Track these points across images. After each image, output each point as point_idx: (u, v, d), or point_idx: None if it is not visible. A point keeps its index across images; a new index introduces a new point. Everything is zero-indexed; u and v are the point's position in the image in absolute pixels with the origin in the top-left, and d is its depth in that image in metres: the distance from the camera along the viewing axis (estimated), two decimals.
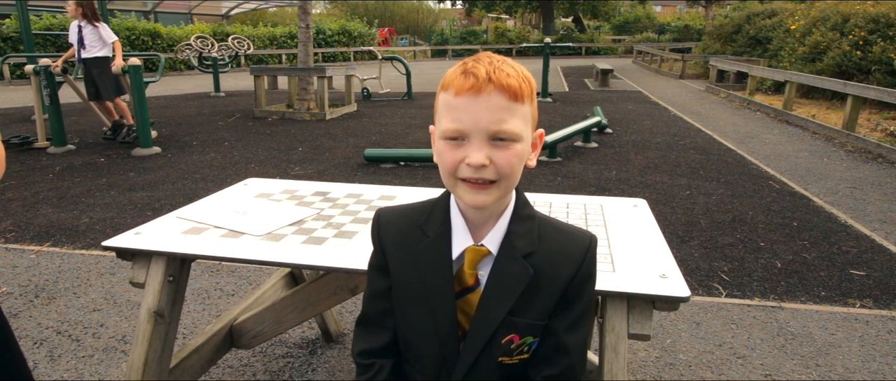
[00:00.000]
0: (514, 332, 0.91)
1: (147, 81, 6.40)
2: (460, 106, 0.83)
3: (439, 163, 0.89)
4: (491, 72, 0.83)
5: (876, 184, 4.91)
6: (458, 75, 0.85)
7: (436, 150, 0.90)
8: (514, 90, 0.83)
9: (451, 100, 0.85)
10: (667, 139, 6.85)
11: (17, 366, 1.47)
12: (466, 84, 0.83)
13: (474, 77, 0.83)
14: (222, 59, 16.03)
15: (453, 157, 0.85)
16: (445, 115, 0.86)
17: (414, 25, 45.09)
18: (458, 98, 0.84)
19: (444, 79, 0.88)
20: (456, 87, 0.84)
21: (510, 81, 0.83)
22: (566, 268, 0.92)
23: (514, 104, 0.84)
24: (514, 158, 0.85)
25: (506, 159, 0.84)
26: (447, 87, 0.86)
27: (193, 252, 1.39)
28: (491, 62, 0.85)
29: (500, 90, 0.82)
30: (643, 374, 2.15)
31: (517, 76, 0.84)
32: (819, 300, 2.76)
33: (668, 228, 3.72)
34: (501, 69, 0.84)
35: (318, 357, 2.25)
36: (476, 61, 0.86)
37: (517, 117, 0.84)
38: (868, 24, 9.36)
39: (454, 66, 0.89)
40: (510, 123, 0.83)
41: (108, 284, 2.93)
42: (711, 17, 23.23)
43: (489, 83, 0.82)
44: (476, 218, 0.92)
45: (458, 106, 0.84)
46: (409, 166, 5.42)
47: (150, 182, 4.91)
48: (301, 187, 1.96)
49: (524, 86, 0.85)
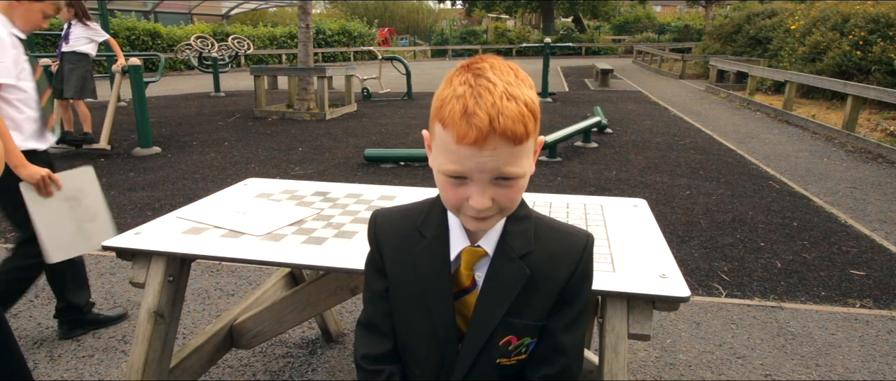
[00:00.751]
0: (512, 333, 0.91)
1: (147, 81, 6.37)
2: (462, 153, 0.78)
3: (441, 195, 0.87)
4: (494, 117, 0.75)
5: (876, 184, 4.91)
6: (458, 119, 0.76)
7: (436, 178, 0.87)
8: (519, 136, 0.77)
9: (450, 145, 0.78)
10: (667, 139, 6.85)
11: (17, 366, 1.47)
12: (470, 136, 0.75)
13: (477, 129, 0.75)
14: (222, 59, 16.03)
15: (456, 194, 0.83)
16: (444, 155, 0.81)
17: (414, 25, 45.09)
18: (459, 146, 0.77)
19: (441, 110, 0.79)
20: (456, 134, 0.76)
21: (516, 128, 0.76)
22: (563, 268, 0.91)
23: (518, 148, 0.78)
24: (516, 194, 0.84)
25: (508, 196, 0.83)
26: (445, 125, 0.78)
27: (193, 252, 1.39)
28: (494, 103, 0.76)
29: (505, 140, 0.76)
30: (643, 374, 2.15)
31: (522, 115, 0.77)
32: (819, 300, 2.76)
33: (668, 228, 3.72)
34: (504, 112, 0.75)
35: (318, 357, 2.25)
36: (477, 98, 0.76)
37: (522, 158, 0.80)
38: (868, 24, 9.36)
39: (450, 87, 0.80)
40: (515, 166, 0.80)
41: (108, 284, 2.92)
42: (711, 17, 23.23)
43: (493, 134, 0.75)
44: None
45: (459, 153, 0.78)
46: (409, 166, 5.42)
47: (150, 182, 4.91)
48: (301, 187, 1.96)
49: (530, 124, 0.78)
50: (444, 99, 0.79)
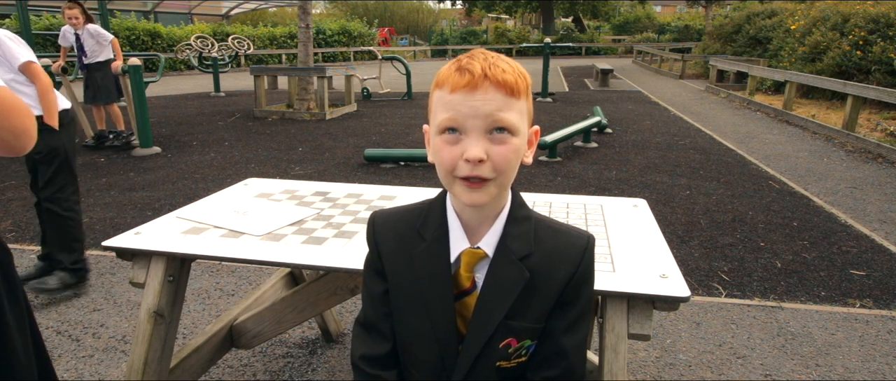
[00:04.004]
0: (512, 335, 0.90)
1: (147, 81, 6.38)
2: (456, 101, 0.82)
3: (436, 160, 0.87)
4: (486, 68, 0.82)
5: (876, 184, 4.91)
6: (453, 72, 0.83)
7: (431, 148, 0.88)
8: (510, 85, 0.82)
9: (446, 96, 0.83)
10: (667, 139, 6.85)
11: (17, 366, 1.47)
12: (462, 81, 0.81)
13: (470, 73, 0.81)
14: (222, 59, 16.03)
15: (450, 153, 0.83)
16: (441, 110, 0.84)
17: (414, 25, 45.09)
18: (453, 94, 0.82)
19: (439, 76, 0.86)
20: (451, 83, 0.83)
21: (506, 77, 0.82)
22: (563, 269, 0.90)
23: (510, 99, 0.82)
24: (510, 153, 0.83)
25: (502, 154, 0.83)
26: (441, 84, 0.85)
27: (193, 252, 1.39)
28: (486, 58, 0.84)
29: (497, 86, 0.81)
30: (643, 374, 2.15)
31: (513, 72, 0.83)
32: (819, 300, 2.76)
33: (668, 228, 3.72)
34: (497, 65, 0.83)
35: (318, 357, 2.25)
36: (470, 58, 0.84)
37: (514, 110, 0.83)
38: (868, 24, 9.36)
39: (448, 63, 0.87)
40: (508, 114, 0.82)
41: (108, 284, 2.93)
42: (711, 17, 23.22)
43: (485, 79, 0.81)
44: (472, 220, 0.90)
45: (454, 101, 0.82)
46: (409, 166, 5.42)
47: (150, 182, 4.91)
48: (301, 187, 1.96)
49: (520, 81, 0.84)
50: (441, 70, 0.87)
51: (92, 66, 6.05)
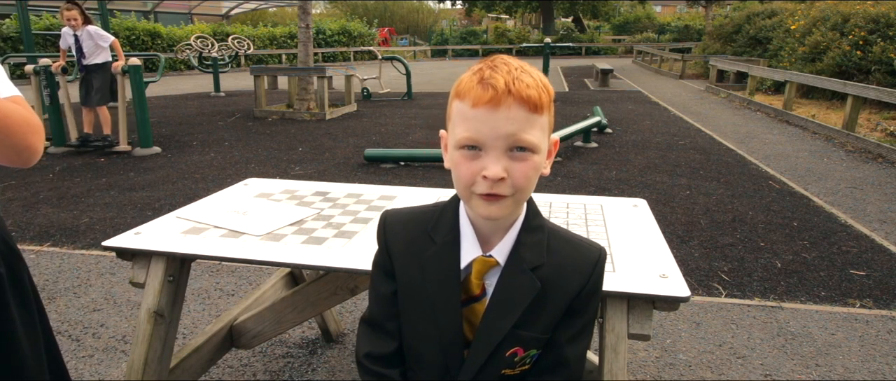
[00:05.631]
0: (519, 345, 0.90)
1: (147, 81, 6.38)
2: (478, 117, 0.80)
3: (454, 174, 0.86)
4: (510, 82, 0.79)
5: (876, 184, 4.91)
6: (475, 85, 0.80)
7: (450, 160, 0.87)
8: (534, 102, 0.80)
9: (467, 110, 0.81)
10: (667, 139, 6.85)
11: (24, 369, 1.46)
12: (485, 96, 0.79)
13: (493, 89, 0.78)
14: (222, 59, 16.02)
15: (469, 169, 0.82)
16: (461, 124, 0.82)
17: (414, 25, 45.10)
18: (475, 109, 0.80)
19: (459, 86, 0.84)
20: (473, 98, 0.80)
21: (530, 93, 0.79)
22: (574, 281, 0.90)
23: (533, 116, 0.80)
24: (530, 171, 0.83)
25: (523, 172, 0.82)
26: (462, 95, 0.82)
27: (193, 252, 1.39)
28: (509, 71, 0.80)
29: (520, 102, 0.79)
30: (643, 374, 2.15)
31: (537, 86, 0.81)
32: (819, 300, 2.76)
33: (668, 228, 3.72)
34: (520, 79, 0.80)
35: (318, 357, 2.25)
36: (493, 69, 0.81)
37: (536, 128, 0.81)
38: (868, 24, 9.36)
39: (469, 71, 0.84)
40: (530, 134, 0.80)
41: (108, 284, 2.92)
42: (711, 17, 23.22)
43: (509, 95, 0.78)
44: (486, 228, 0.90)
45: (476, 117, 0.80)
46: (409, 166, 5.42)
47: (150, 182, 4.91)
48: (301, 187, 1.96)
49: (544, 96, 0.81)
50: (462, 79, 0.84)
51: (90, 67, 6.03)
